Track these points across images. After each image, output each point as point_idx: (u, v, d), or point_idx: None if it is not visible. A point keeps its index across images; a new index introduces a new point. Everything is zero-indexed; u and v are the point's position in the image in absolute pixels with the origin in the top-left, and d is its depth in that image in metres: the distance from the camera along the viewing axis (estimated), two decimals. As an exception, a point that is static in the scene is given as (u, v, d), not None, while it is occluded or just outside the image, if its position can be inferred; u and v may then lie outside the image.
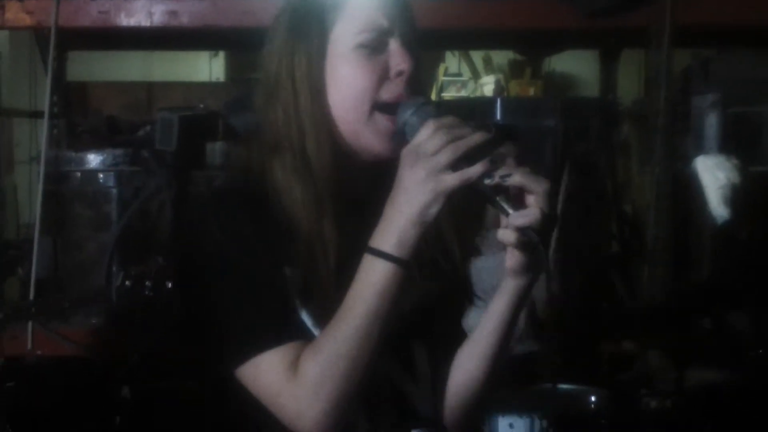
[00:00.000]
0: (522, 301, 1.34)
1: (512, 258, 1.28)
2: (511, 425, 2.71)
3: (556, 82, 7.63)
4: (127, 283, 2.23)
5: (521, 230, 1.21)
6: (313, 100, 1.29)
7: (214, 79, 7.44)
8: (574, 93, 7.39)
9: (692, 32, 3.82)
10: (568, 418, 2.63)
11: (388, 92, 1.30)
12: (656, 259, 3.50)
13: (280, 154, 1.30)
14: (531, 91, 7.31)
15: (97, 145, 3.91)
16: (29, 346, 3.32)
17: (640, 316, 3.02)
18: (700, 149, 3.73)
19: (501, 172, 1.20)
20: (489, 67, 7.87)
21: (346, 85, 1.29)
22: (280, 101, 1.32)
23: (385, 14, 1.29)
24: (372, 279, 1.20)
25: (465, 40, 4.80)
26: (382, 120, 1.29)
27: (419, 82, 1.31)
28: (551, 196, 1.22)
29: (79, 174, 3.81)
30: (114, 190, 3.79)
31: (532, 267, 1.28)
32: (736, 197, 2.44)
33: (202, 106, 4.23)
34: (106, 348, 3.34)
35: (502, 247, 1.28)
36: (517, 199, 1.21)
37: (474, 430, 1.50)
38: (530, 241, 1.21)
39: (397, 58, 1.29)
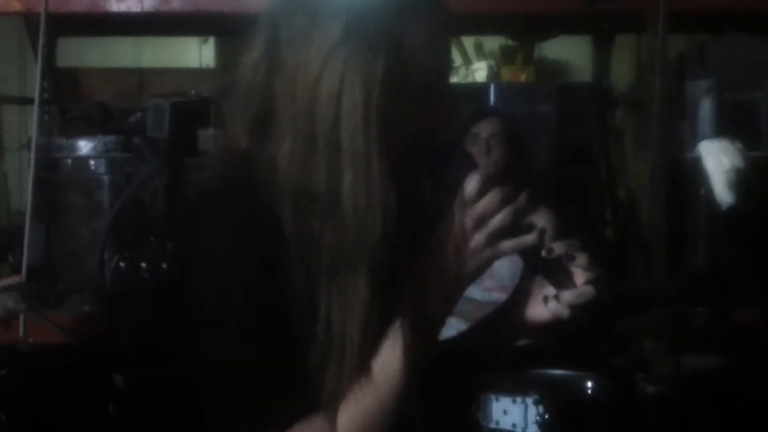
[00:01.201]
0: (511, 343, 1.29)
1: (537, 317, 1.20)
2: (505, 411, 2.71)
3: (549, 68, 7.60)
4: (121, 264, 2.22)
5: (573, 307, 1.16)
6: (366, 123, 1.10)
7: (204, 66, 7.40)
8: (567, 79, 7.36)
9: (687, 17, 3.81)
10: (564, 403, 2.62)
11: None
12: (651, 245, 3.50)
13: (301, 167, 1.11)
14: (523, 77, 7.28)
15: (88, 132, 3.89)
16: (21, 333, 3.30)
17: (636, 302, 3.02)
18: (695, 135, 3.73)
19: (559, 246, 1.15)
20: (480, 53, 7.84)
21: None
22: (317, 108, 1.11)
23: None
24: (405, 348, 1.10)
25: (456, 25, 4.76)
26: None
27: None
28: (604, 281, 1.16)
29: (70, 161, 3.79)
30: (105, 177, 3.76)
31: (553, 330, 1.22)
32: (740, 183, 2.44)
33: (193, 92, 4.21)
34: (99, 336, 3.33)
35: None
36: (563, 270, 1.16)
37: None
38: (575, 319, 1.18)
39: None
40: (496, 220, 1.08)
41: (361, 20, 1.11)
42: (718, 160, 2.43)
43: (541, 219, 1.19)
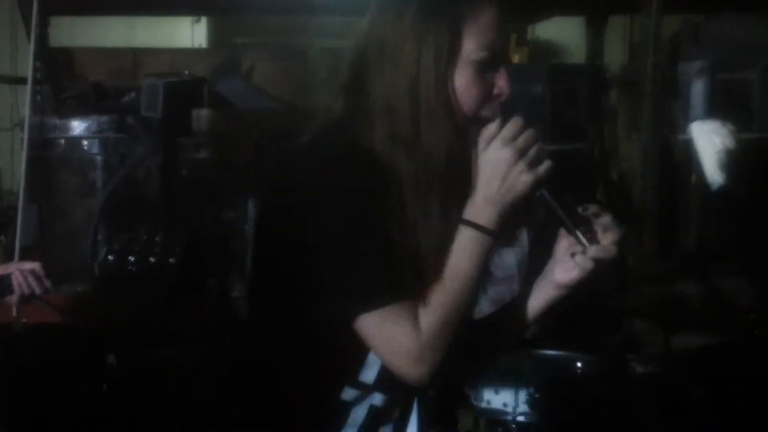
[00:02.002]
0: (553, 307, 1.46)
1: (567, 275, 1.42)
2: (496, 391, 2.73)
3: (542, 49, 7.60)
4: (109, 257, 2.22)
5: (597, 261, 1.37)
6: (438, 88, 1.39)
7: (196, 45, 7.38)
8: (560, 60, 7.36)
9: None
10: (555, 383, 2.64)
11: (487, 110, 1.41)
12: (643, 224, 3.51)
13: (389, 122, 1.41)
14: (516, 58, 7.28)
15: (82, 112, 3.88)
16: (14, 313, 3.31)
17: (628, 282, 3.03)
18: (688, 116, 3.73)
19: (593, 209, 1.38)
20: (475, 34, 7.82)
21: (460, 93, 1.40)
22: (401, 74, 1.40)
23: (501, 36, 1.42)
24: (475, 248, 1.38)
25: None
26: (476, 132, 1.40)
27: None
28: (626, 241, 1.39)
29: (63, 141, 3.78)
30: (99, 157, 3.76)
31: (580, 287, 1.42)
32: (731, 163, 2.45)
33: (187, 72, 4.20)
34: (92, 316, 3.33)
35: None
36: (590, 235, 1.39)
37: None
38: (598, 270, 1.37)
39: (501, 81, 1.41)
40: (533, 151, 1.36)
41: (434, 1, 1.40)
42: (709, 141, 2.45)
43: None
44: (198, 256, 3.41)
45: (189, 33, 7.44)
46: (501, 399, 2.74)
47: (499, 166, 1.36)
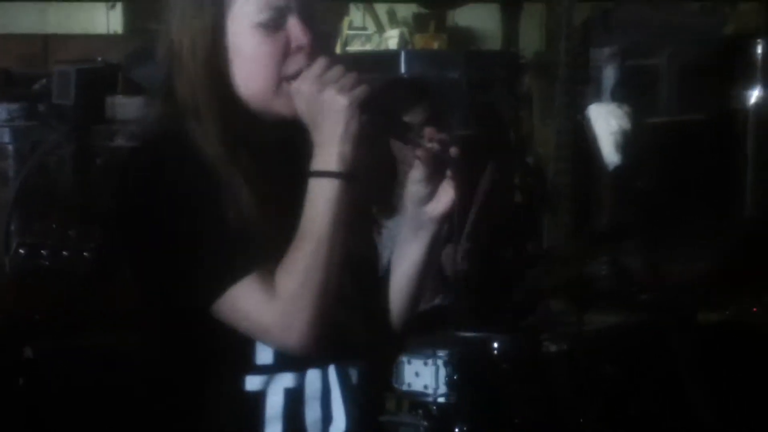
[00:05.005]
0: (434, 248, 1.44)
1: (437, 204, 1.40)
2: (416, 373, 2.76)
3: (461, 36, 7.67)
4: (21, 251, 2.17)
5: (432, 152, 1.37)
6: (212, 75, 1.36)
7: (112, 32, 7.26)
8: (479, 46, 7.44)
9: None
10: (472, 363, 2.69)
11: (293, 65, 1.37)
12: (557, 207, 3.59)
13: (187, 116, 1.38)
14: (436, 45, 7.33)
15: (-9, 99, 3.80)
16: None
17: (543, 262, 3.10)
18: (600, 101, 3.81)
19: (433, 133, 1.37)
20: (393, 20, 7.87)
21: (251, 61, 1.37)
22: (183, 70, 1.38)
23: None
24: (325, 196, 1.32)
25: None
26: (289, 88, 1.37)
27: (324, 51, 1.38)
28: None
29: (-28, 129, 3.70)
30: (10, 146, 3.69)
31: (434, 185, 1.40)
32: (630, 145, 2.52)
33: (100, 59, 4.14)
34: (6, 308, 3.27)
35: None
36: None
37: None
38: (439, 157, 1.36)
39: (297, 33, 1.36)
40: (345, 79, 1.32)
41: None
42: (606, 123, 2.51)
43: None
44: (114, 245, 3.37)
45: (104, 19, 7.31)
46: (421, 381, 2.78)
47: (314, 103, 1.32)
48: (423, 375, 2.76)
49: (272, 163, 1.39)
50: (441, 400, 2.74)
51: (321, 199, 1.32)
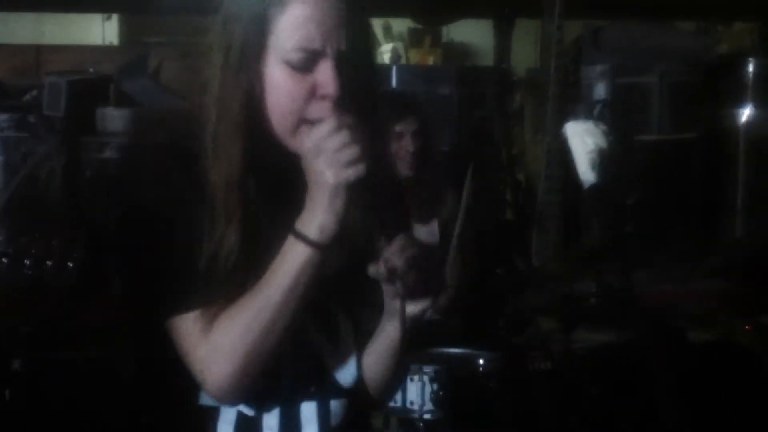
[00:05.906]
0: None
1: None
2: (403, 390, 2.75)
3: (456, 51, 7.68)
4: (3, 260, 2.16)
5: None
6: (242, 97, 1.32)
7: (107, 43, 7.26)
8: (474, 62, 7.46)
9: (585, 3, 3.89)
10: (458, 380, 2.68)
11: (314, 111, 1.31)
12: (547, 225, 3.58)
13: (204, 129, 1.34)
14: (431, 60, 7.34)
15: (-19, 110, 3.79)
16: None
17: (533, 281, 3.09)
18: (591, 118, 3.81)
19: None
20: (389, 35, 7.88)
21: (275, 95, 1.33)
22: (213, 86, 1.33)
23: (321, 32, 1.30)
24: (292, 258, 1.28)
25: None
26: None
27: (355, 99, 1.31)
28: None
29: (-38, 139, 3.69)
30: (0, 157, 3.69)
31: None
32: (609, 164, 2.52)
33: (91, 70, 4.14)
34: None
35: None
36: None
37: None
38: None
39: (325, 80, 1.30)
40: (344, 153, 1.25)
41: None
42: (581, 141, 2.50)
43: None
44: (101, 257, 3.36)
45: (100, 30, 7.32)
46: (408, 397, 2.77)
47: (310, 164, 1.27)
48: (409, 391, 2.75)
49: (274, 201, 1.35)
50: (427, 416, 2.74)
51: (289, 257, 1.28)
